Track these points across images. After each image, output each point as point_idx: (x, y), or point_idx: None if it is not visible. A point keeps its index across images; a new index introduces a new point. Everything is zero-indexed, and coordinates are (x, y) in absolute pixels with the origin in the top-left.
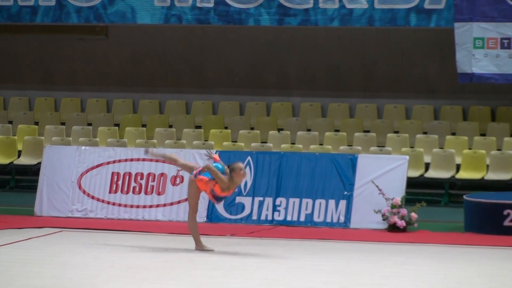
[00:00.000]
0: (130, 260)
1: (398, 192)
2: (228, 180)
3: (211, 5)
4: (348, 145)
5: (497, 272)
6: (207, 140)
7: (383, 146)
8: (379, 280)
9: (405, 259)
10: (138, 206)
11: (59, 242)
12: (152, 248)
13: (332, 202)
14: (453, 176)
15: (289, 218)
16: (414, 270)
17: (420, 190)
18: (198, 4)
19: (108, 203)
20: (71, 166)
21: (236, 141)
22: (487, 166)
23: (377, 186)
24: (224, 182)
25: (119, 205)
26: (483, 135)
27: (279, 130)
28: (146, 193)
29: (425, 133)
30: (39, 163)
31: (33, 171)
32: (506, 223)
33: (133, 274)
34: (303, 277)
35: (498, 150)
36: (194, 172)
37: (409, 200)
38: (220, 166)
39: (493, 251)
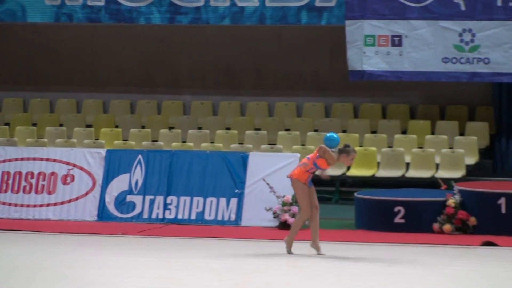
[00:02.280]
0: (21, 260)
1: (289, 190)
2: (338, 157)
3: (102, 3)
4: (239, 143)
5: (389, 269)
6: (98, 139)
7: (274, 144)
8: (272, 278)
9: (297, 257)
10: (28, 206)
11: None
12: (43, 248)
13: (223, 200)
14: (344, 174)
15: (180, 217)
16: (307, 267)
17: None
18: (89, 3)
19: None
20: None
21: (127, 140)
22: (378, 163)
23: (268, 184)
24: (333, 160)
25: (9, 204)
26: (373, 132)
27: (170, 128)
28: (36, 192)
29: (316, 130)
30: None
31: None
32: (397, 220)
33: (24, 274)
34: (197, 275)
35: (389, 147)
36: (292, 172)
37: None
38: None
39: (384, 248)
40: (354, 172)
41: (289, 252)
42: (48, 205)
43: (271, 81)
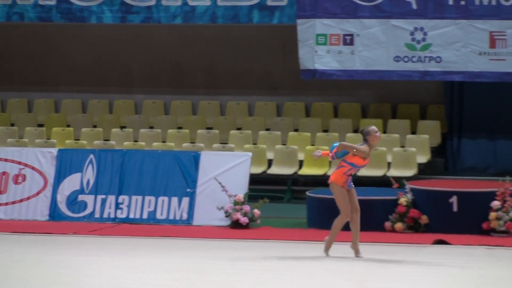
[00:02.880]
0: None
1: (241, 188)
2: (367, 146)
3: (53, 2)
4: (191, 142)
5: (340, 267)
6: (50, 139)
7: (226, 143)
8: (225, 277)
9: (249, 256)
10: None
11: None
12: None
13: (175, 200)
14: (295, 173)
15: (132, 216)
16: (260, 267)
17: (263, 187)
18: (40, 2)
19: None
20: None
21: (78, 139)
22: (330, 162)
23: (220, 183)
24: (365, 152)
25: None
26: (325, 131)
27: (122, 127)
28: None
29: (268, 129)
30: None
31: None
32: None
33: None
34: (149, 275)
35: None
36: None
37: (252, 196)
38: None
39: (335, 247)
40: (306, 171)
41: (325, 253)
42: None
43: (223, 81)
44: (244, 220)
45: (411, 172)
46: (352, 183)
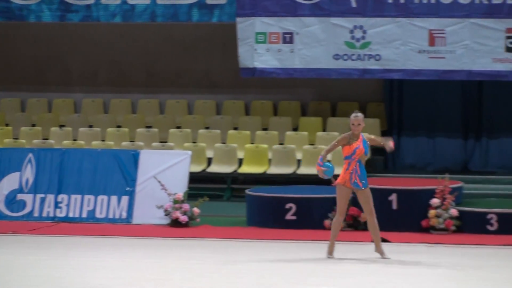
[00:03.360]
0: None
1: (180, 187)
2: (345, 134)
3: None
4: (130, 141)
5: (281, 265)
6: None
7: (165, 142)
8: (163, 275)
9: (189, 254)
10: None
11: None
12: None
13: (114, 198)
14: (235, 171)
15: (71, 215)
16: (199, 265)
17: (202, 185)
18: None
19: None
20: None
21: (17, 138)
22: (269, 160)
23: (159, 182)
24: (340, 140)
25: None
26: (265, 129)
27: (61, 126)
28: None
29: (207, 128)
30: None
31: None
32: (288, 216)
33: None
34: (88, 274)
35: (280, 144)
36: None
37: (192, 195)
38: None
39: (275, 245)
40: (246, 169)
41: (328, 256)
42: None
43: (162, 79)
44: (183, 218)
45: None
46: (362, 183)
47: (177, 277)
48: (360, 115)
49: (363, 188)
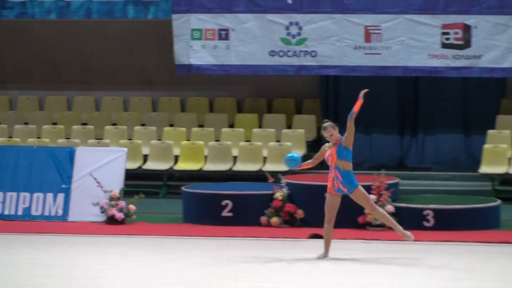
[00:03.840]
0: None
1: (116, 184)
2: (329, 144)
3: None
4: (66, 138)
5: (217, 262)
6: None
7: (101, 139)
8: (96, 273)
9: (125, 251)
10: None
11: None
12: None
13: (50, 196)
14: (171, 168)
15: (6, 212)
16: (134, 262)
17: (139, 182)
18: None
19: None
20: None
21: None
22: (205, 157)
23: (95, 179)
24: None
25: None
26: (201, 126)
27: None
28: None
29: (143, 125)
30: None
31: None
32: (225, 213)
33: None
34: (23, 271)
35: (216, 141)
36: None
37: (128, 192)
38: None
39: (212, 242)
40: (182, 166)
41: (318, 257)
42: None
43: (98, 76)
44: (119, 215)
45: (287, 166)
46: (346, 187)
47: (112, 275)
48: (327, 125)
49: (348, 193)
